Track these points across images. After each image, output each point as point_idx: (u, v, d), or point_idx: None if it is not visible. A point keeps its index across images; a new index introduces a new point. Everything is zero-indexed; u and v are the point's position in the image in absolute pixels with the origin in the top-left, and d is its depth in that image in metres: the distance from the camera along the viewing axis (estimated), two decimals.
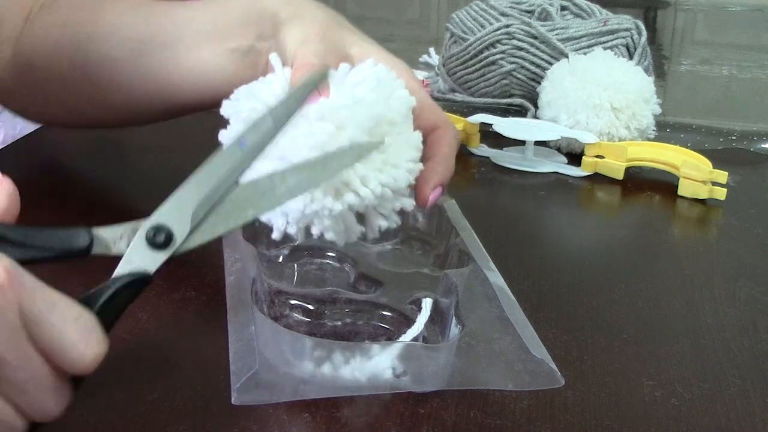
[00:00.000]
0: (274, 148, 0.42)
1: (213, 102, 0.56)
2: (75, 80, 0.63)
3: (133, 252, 0.40)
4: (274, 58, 0.51)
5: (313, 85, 0.43)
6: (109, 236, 0.40)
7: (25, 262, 0.36)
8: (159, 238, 0.40)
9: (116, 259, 0.40)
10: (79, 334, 0.35)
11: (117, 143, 0.86)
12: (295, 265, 0.57)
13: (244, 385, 0.41)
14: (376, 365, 0.43)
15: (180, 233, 0.40)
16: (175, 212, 0.41)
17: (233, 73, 0.58)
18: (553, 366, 0.44)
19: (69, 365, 0.36)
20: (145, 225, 0.40)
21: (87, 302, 0.38)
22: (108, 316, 0.38)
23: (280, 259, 0.58)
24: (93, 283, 0.39)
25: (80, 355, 0.36)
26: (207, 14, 0.60)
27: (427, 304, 0.51)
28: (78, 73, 0.63)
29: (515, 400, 0.44)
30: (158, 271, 0.40)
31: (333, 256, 0.58)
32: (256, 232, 0.57)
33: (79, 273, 0.42)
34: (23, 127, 1.33)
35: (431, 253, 0.59)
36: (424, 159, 0.50)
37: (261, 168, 0.42)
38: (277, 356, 0.44)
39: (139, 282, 0.40)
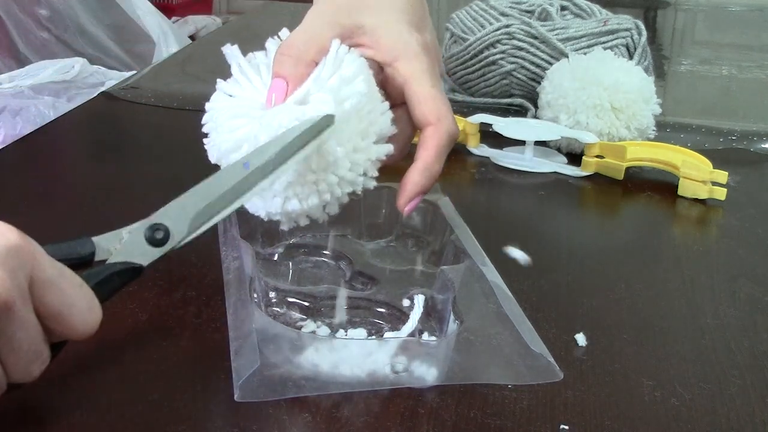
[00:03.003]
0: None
1: None
2: None
3: (130, 244, 0.42)
4: (271, 44, 0.51)
5: (318, 132, 0.45)
6: (110, 242, 0.42)
7: None
8: (157, 236, 0.42)
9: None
10: (82, 302, 0.38)
11: (117, 144, 0.86)
12: (291, 263, 0.58)
13: (246, 382, 0.41)
14: (375, 361, 0.44)
15: (177, 235, 0.43)
16: (175, 215, 0.43)
17: None
18: (552, 360, 0.44)
19: (70, 329, 0.38)
20: (145, 222, 0.43)
21: (85, 279, 0.40)
22: (97, 296, 0.40)
23: (276, 258, 0.58)
24: None
25: (82, 322, 0.38)
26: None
27: (419, 300, 0.51)
28: None
29: (515, 400, 0.44)
30: (151, 265, 0.43)
31: (328, 254, 0.58)
32: (251, 230, 0.57)
33: None
34: (23, 126, 1.33)
35: (426, 250, 0.59)
36: (415, 157, 0.50)
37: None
38: (276, 354, 0.44)
39: (130, 271, 0.42)
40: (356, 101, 0.47)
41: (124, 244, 0.42)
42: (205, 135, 0.50)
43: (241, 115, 0.48)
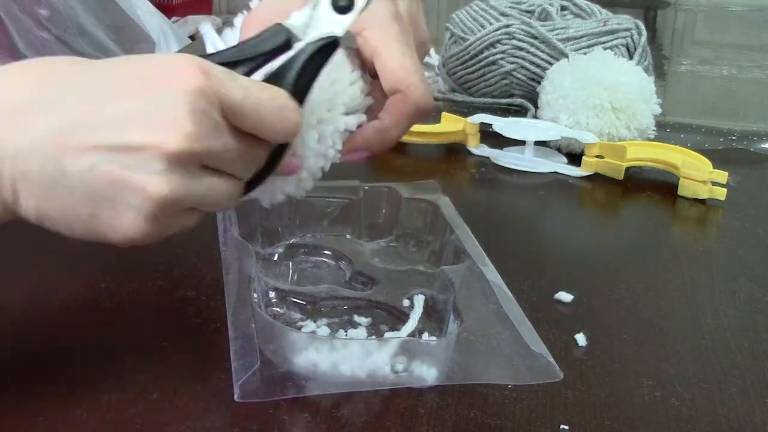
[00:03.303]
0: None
1: None
2: None
3: (319, 19, 0.42)
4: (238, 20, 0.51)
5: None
6: (301, 21, 0.42)
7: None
8: (341, 2, 0.42)
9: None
10: (272, 112, 0.40)
11: None
12: (291, 263, 0.58)
13: (246, 382, 0.41)
14: (375, 361, 0.44)
15: None
16: None
17: None
18: (552, 360, 0.44)
19: (272, 137, 0.41)
20: None
21: (281, 72, 0.41)
22: (301, 84, 0.41)
23: (276, 258, 0.58)
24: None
25: (278, 129, 0.41)
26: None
27: (419, 300, 0.51)
28: None
29: (515, 400, 0.44)
30: (344, 34, 0.42)
31: (328, 254, 0.58)
32: (251, 230, 0.57)
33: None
34: None
35: (426, 250, 0.59)
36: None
37: None
38: (276, 354, 0.44)
39: (328, 45, 0.42)
40: None
41: (314, 22, 0.42)
42: None
43: None
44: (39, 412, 0.41)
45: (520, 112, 0.94)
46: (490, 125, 0.83)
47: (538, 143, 0.81)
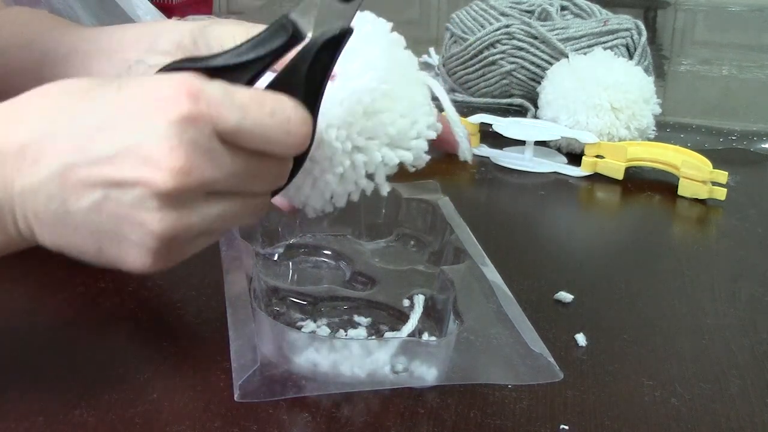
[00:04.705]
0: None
1: None
2: None
3: (323, 11, 0.40)
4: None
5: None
6: (308, 11, 0.40)
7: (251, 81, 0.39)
8: None
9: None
10: (276, 128, 0.38)
11: None
12: (291, 263, 0.58)
13: (246, 382, 0.41)
14: (375, 361, 0.44)
15: None
16: None
17: None
18: (552, 360, 0.44)
19: (279, 153, 0.39)
20: None
21: (288, 75, 0.39)
22: (314, 83, 0.39)
23: (276, 258, 0.58)
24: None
25: (285, 145, 0.39)
26: (106, 31, 0.57)
27: (419, 300, 0.51)
28: None
29: (515, 400, 0.44)
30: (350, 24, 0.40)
31: (328, 254, 0.58)
32: (251, 230, 0.57)
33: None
34: None
35: (426, 250, 0.59)
36: None
37: None
38: (276, 354, 0.44)
39: (334, 39, 0.39)
40: (357, 97, 0.44)
41: (316, 17, 0.39)
42: None
43: None
44: (39, 412, 0.41)
45: (520, 112, 0.94)
46: (490, 125, 0.83)
47: (538, 143, 0.81)
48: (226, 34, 0.50)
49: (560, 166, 0.80)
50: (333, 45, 0.40)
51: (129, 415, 0.41)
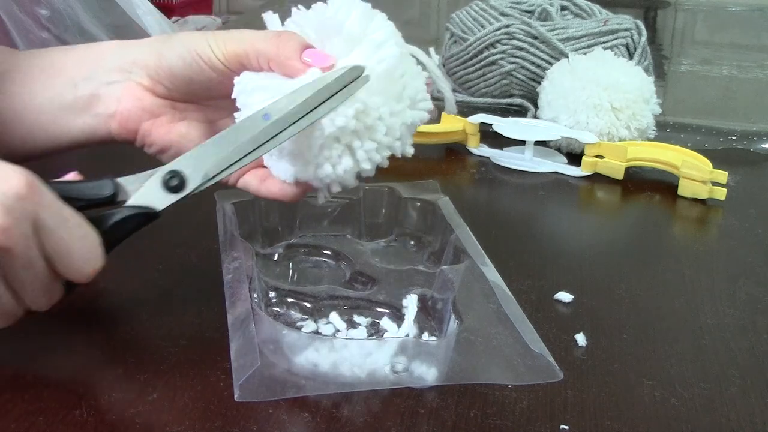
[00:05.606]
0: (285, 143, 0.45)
1: (42, 142, 0.54)
2: None
3: (147, 190, 0.45)
4: (269, 16, 0.50)
5: (346, 82, 0.45)
6: (132, 185, 0.45)
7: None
8: (173, 182, 0.45)
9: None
10: (82, 250, 0.41)
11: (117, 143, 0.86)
12: (291, 263, 0.58)
13: (246, 382, 0.41)
14: (375, 361, 0.44)
15: (193, 182, 0.45)
16: (192, 163, 0.45)
17: (59, 107, 0.53)
18: (552, 360, 0.44)
19: (69, 273, 0.42)
20: (163, 169, 0.45)
21: (96, 222, 0.42)
22: (112, 237, 0.43)
23: (276, 258, 0.58)
24: None
25: (80, 268, 0.42)
26: (48, 53, 0.55)
27: (412, 300, 0.51)
28: None
29: (515, 400, 0.44)
30: (165, 210, 0.45)
31: (328, 254, 0.58)
32: (251, 230, 0.57)
33: None
34: None
35: (426, 250, 0.59)
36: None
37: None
38: (276, 354, 0.44)
39: (145, 216, 0.44)
40: (389, 63, 0.46)
41: (141, 190, 0.44)
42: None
43: (266, 87, 0.47)
44: (39, 412, 0.41)
45: (520, 112, 0.94)
46: (490, 125, 0.83)
47: (538, 143, 0.81)
48: (211, 45, 0.49)
49: (560, 166, 0.80)
50: (138, 221, 0.45)
51: (129, 415, 0.41)
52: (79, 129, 0.53)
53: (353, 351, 0.44)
